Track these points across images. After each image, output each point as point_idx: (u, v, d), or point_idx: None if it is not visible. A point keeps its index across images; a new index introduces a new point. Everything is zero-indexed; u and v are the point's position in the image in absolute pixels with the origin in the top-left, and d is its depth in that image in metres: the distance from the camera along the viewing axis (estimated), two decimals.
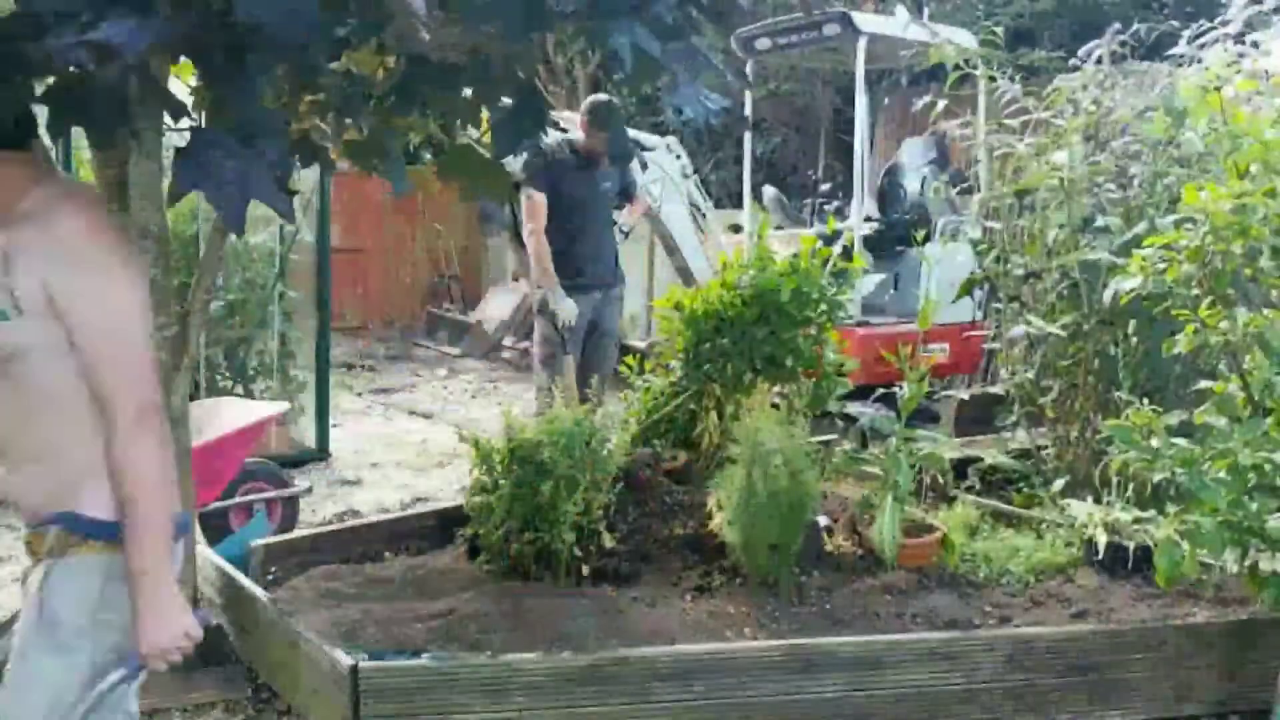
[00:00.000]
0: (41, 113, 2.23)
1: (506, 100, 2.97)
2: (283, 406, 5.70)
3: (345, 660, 3.16)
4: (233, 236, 4.65)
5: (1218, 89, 3.87)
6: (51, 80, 2.19)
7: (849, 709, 3.37)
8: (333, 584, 3.94)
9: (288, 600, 3.78)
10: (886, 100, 10.90)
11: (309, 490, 5.63)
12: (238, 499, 5.04)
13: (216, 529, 4.91)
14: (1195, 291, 3.66)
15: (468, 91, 3.10)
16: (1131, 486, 4.05)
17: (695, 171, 8.30)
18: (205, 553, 4.15)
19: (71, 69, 2.13)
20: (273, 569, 4.11)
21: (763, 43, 7.79)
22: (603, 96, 5.76)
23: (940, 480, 4.54)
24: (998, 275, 5.69)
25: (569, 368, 5.57)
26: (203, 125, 2.69)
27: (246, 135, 2.21)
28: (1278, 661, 3.45)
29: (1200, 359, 3.67)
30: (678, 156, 7.98)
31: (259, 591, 3.79)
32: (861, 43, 7.11)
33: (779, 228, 7.80)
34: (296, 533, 4.58)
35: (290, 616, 3.56)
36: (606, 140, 5.43)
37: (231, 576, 3.93)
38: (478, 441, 3.98)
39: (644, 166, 7.60)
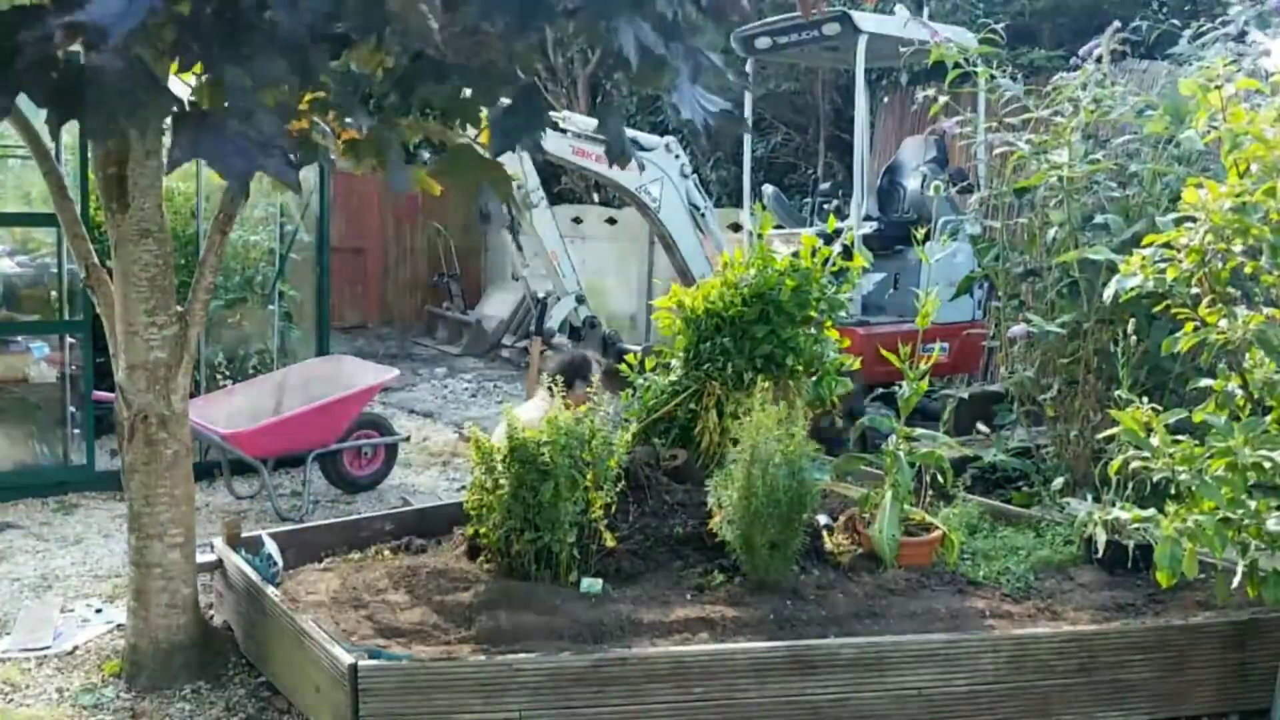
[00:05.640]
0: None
1: (505, 99, 2.97)
2: (395, 372, 6.57)
3: (345, 658, 3.15)
4: (232, 236, 4.65)
5: (1218, 87, 3.86)
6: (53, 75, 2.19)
7: (850, 711, 3.36)
8: (333, 582, 3.94)
9: (288, 598, 3.78)
10: (886, 99, 10.88)
11: (408, 438, 7.09)
12: (349, 442, 6.21)
13: (330, 466, 6.25)
14: (1195, 290, 3.65)
15: (467, 91, 3.10)
16: (1131, 485, 4.05)
17: (695, 171, 8.30)
18: (223, 550, 4.16)
19: (66, 60, 2.12)
20: (276, 566, 4.11)
21: (763, 41, 7.78)
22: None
23: (940, 479, 4.54)
24: (997, 274, 5.69)
25: None
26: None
27: (245, 114, 2.20)
28: (1278, 661, 3.45)
29: (1200, 357, 3.66)
30: (677, 156, 7.98)
31: (268, 589, 3.79)
32: (861, 42, 7.11)
33: (779, 226, 7.80)
34: (298, 531, 4.57)
35: (291, 614, 3.56)
36: None
37: (244, 573, 3.94)
38: (478, 441, 3.98)
39: (641, 168, 7.60)
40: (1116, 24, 5.45)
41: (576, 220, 12.39)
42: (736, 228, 9.62)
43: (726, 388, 4.79)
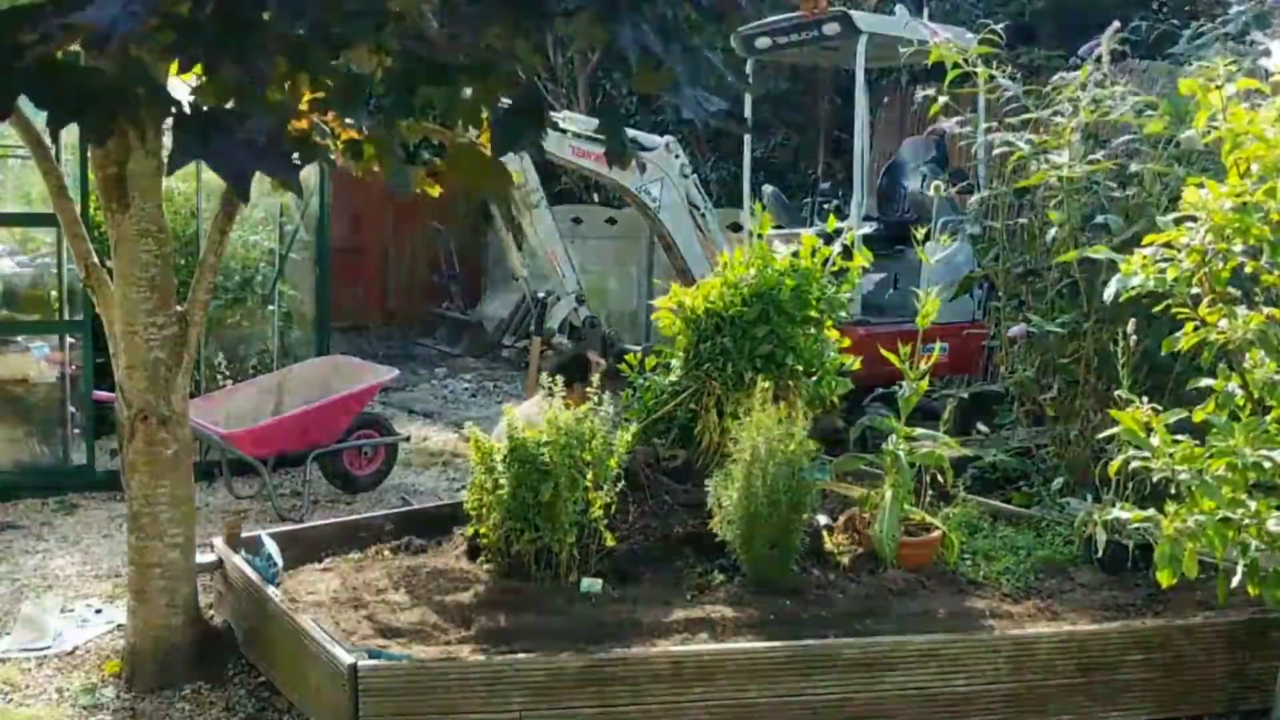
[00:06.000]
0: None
1: (506, 100, 2.96)
2: (395, 372, 6.63)
3: (345, 659, 3.15)
4: (232, 236, 4.65)
5: (1218, 87, 3.85)
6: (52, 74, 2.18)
7: (850, 711, 3.36)
8: (333, 582, 3.94)
9: (288, 598, 3.78)
10: (886, 99, 10.88)
11: (408, 438, 7.08)
12: (350, 442, 6.23)
13: (330, 466, 6.29)
14: (1195, 290, 3.65)
15: (468, 91, 3.10)
16: (1131, 485, 4.04)
17: (695, 171, 8.29)
18: (223, 550, 4.16)
19: (67, 61, 2.12)
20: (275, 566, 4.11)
21: (763, 41, 7.78)
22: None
23: (940, 479, 4.54)
24: (997, 274, 5.69)
25: None
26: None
27: (243, 116, 2.20)
28: (1278, 661, 3.45)
29: (1200, 357, 3.66)
30: (677, 156, 7.98)
31: (269, 589, 3.79)
32: (861, 42, 7.11)
33: (779, 226, 7.79)
34: (298, 531, 4.58)
35: (291, 614, 3.56)
36: None
37: (244, 573, 3.94)
38: (478, 441, 3.98)
39: (641, 168, 7.60)
40: (1116, 24, 5.45)
41: (576, 220, 12.38)
42: (736, 228, 9.61)
43: (726, 388, 4.78)
